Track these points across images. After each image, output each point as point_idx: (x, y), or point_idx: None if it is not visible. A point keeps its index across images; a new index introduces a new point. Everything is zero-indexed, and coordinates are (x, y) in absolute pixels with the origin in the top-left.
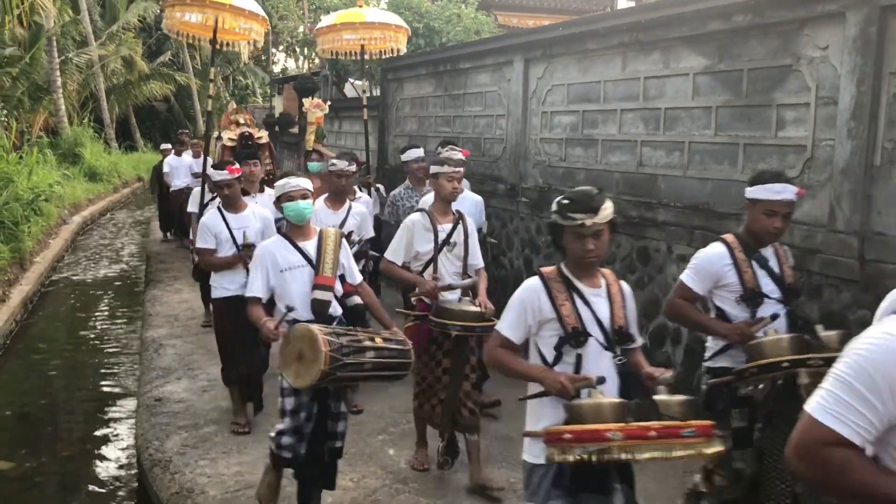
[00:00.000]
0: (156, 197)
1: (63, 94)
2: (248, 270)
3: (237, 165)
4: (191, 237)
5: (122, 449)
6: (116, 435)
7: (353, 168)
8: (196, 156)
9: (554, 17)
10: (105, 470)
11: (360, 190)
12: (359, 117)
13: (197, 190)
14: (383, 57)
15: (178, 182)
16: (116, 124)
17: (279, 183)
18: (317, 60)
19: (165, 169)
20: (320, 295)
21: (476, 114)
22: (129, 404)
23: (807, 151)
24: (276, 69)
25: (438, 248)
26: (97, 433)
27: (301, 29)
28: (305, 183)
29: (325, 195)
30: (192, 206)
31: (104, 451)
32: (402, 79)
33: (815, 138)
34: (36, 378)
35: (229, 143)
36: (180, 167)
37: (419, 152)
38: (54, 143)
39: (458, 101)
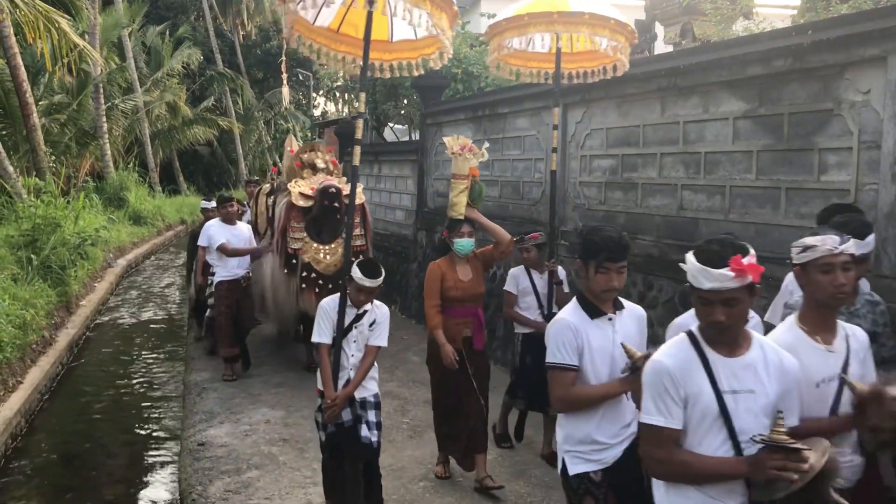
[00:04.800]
0: (191, 280)
1: (109, 139)
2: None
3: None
4: (321, 384)
5: (166, 493)
6: (160, 479)
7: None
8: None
9: None
10: None
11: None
12: (399, 161)
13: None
14: (591, 80)
15: (224, 271)
16: (160, 168)
17: None
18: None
19: (203, 240)
20: None
21: (515, 157)
22: (173, 448)
23: (850, 195)
24: (317, 112)
25: None
26: (141, 477)
27: (341, 74)
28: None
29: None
30: (322, 338)
31: (147, 495)
32: (441, 123)
33: (858, 182)
34: (81, 421)
35: (301, 202)
36: (233, 244)
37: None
38: (100, 187)
39: (497, 144)
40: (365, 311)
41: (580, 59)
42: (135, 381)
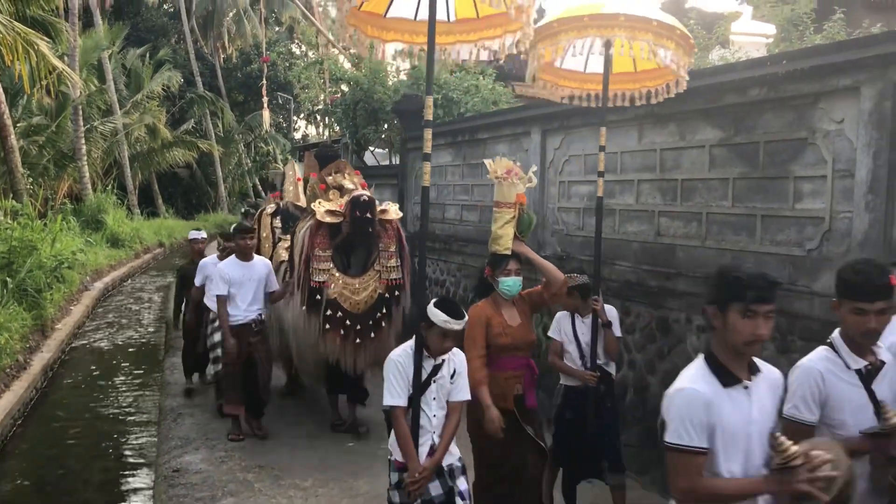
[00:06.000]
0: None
1: (87, 161)
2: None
3: None
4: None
5: None
6: None
7: None
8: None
9: None
10: None
11: None
12: (380, 185)
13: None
14: (654, 101)
15: (232, 314)
16: (139, 191)
17: None
18: (337, 128)
19: (199, 279)
20: None
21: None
22: (147, 474)
23: (825, 223)
24: (297, 136)
25: None
26: None
27: (322, 97)
28: None
29: None
30: (396, 400)
31: None
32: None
33: (832, 210)
34: (55, 447)
35: (328, 219)
36: (245, 283)
37: None
38: (78, 209)
39: (476, 169)
40: (443, 361)
41: (643, 79)
42: (110, 406)
